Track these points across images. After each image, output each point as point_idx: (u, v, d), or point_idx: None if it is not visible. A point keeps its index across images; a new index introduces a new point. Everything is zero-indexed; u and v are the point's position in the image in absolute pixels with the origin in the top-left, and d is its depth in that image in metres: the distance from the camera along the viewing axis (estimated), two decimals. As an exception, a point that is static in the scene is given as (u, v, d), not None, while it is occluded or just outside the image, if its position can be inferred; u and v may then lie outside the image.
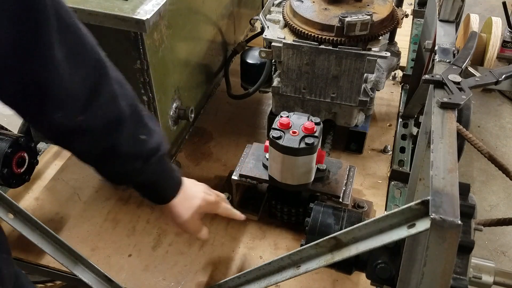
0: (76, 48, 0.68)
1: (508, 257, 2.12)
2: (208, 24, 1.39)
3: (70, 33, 0.67)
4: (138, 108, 0.78)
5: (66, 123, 0.70)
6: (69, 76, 0.66)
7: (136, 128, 0.77)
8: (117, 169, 0.80)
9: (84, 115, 0.70)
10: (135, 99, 0.78)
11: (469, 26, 1.64)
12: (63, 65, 0.65)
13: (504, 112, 2.88)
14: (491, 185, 2.43)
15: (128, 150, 0.77)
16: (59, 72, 0.65)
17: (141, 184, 0.85)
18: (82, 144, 0.74)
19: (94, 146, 0.75)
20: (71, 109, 0.69)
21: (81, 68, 0.68)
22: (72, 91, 0.68)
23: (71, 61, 0.66)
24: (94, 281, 1.02)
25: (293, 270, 0.83)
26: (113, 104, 0.73)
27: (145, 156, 0.79)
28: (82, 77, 0.68)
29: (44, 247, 0.99)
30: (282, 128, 1.07)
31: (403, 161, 1.42)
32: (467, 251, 0.65)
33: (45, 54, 0.63)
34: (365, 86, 1.31)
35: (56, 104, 0.68)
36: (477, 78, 0.89)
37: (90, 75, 0.70)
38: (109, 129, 0.74)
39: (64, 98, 0.68)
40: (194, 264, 1.16)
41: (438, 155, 0.69)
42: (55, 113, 0.68)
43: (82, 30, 0.69)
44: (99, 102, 0.71)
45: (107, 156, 0.76)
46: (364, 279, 0.94)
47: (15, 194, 1.34)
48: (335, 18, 1.20)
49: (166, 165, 0.86)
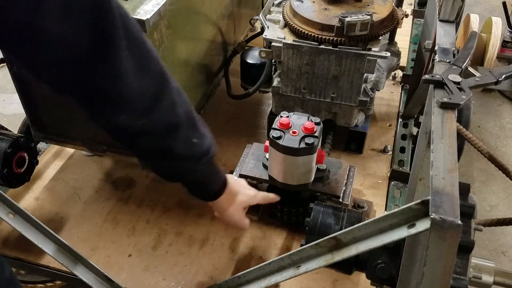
0: (142, 60, 0.75)
1: (508, 257, 2.12)
2: (208, 24, 1.39)
3: (137, 47, 0.74)
4: (193, 114, 0.87)
5: (130, 125, 0.78)
6: (135, 85, 0.74)
7: (190, 132, 0.85)
8: (171, 168, 0.88)
9: (147, 119, 0.78)
10: (190, 106, 0.86)
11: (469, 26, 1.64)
12: (130, 76, 0.73)
13: (504, 112, 2.88)
14: (491, 185, 2.43)
15: (182, 152, 0.85)
16: (126, 82, 0.73)
17: (191, 182, 0.94)
18: (142, 144, 0.82)
19: (153, 147, 0.83)
20: (135, 113, 0.77)
21: (147, 79, 0.76)
22: (137, 98, 0.76)
23: (138, 72, 0.74)
24: (94, 281, 1.02)
25: (293, 270, 0.83)
26: (172, 111, 0.81)
27: (197, 157, 0.87)
28: (147, 87, 0.76)
29: (44, 247, 0.99)
30: (282, 128, 1.07)
31: (403, 161, 1.42)
32: (467, 251, 0.65)
33: (115, 63, 0.71)
34: (365, 86, 1.31)
35: (122, 108, 0.76)
36: (477, 78, 0.89)
37: (154, 85, 0.78)
38: (168, 132, 0.82)
39: (129, 104, 0.76)
40: (194, 264, 1.16)
41: (438, 155, 0.69)
42: (120, 116, 0.77)
43: (148, 44, 0.77)
44: (160, 109, 0.79)
45: (163, 156, 0.85)
46: (364, 279, 0.94)
47: (15, 194, 1.34)
48: (335, 18, 1.20)
49: (215, 166, 0.95)
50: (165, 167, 0.89)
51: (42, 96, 1.22)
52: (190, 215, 1.28)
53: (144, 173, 1.41)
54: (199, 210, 1.29)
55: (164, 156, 0.85)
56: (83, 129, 1.25)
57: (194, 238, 1.22)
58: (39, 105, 1.24)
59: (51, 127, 1.27)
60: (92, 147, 1.28)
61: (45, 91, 1.21)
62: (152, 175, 1.40)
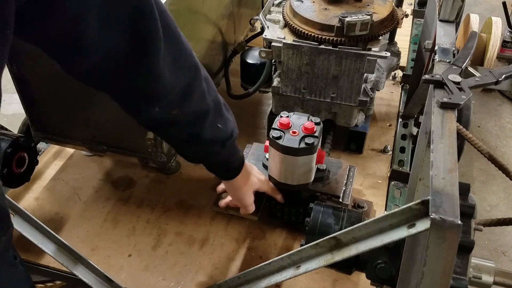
0: (178, 55, 0.79)
1: (508, 257, 2.12)
2: (208, 24, 1.39)
3: (174, 43, 0.77)
4: (219, 100, 0.92)
5: (163, 116, 0.82)
6: (169, 79, 0.78)
7: (216, 118, 0.90)
8: (196, 152, 0.95)
9: (178, 110, 0.83)
10: (216, 92, 0.91)
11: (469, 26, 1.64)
12: (166, 71, 0.76)
13: (504, 112, 2.88)
14: (491, 185, 2.43)
15: (209, 136, 0.90)
16: (162, 78, 0.76)
17: (214, 163, 0.99)
18: (171, 132, 0.88)
19: (182, 133, 0.88)
20: (168, 106, 0.81)
21: (180, 72, 0.80)
22: (171, 92, 0.80)
23: (172, 67, 0.77)
24: (94, 281, 1.02)
25: (293, 270, 0.83)
26: (202, 100, 0.86)
27: (222, 141, 0.93)
28: (180, 79, 0.80)
29: (44, 247, 0.99)
30: (282, 128, 1.07)
31: (403, 161, 1.42)
32: (467, 251, 0.65)
33: (154, 65, 0.74)
34: (365, 86, 1.31)
35: (155, 100, 0.80)
36: (477, 78, 0.89)
37: (186, 76, 0.81)
38: (197, 120, 0.87)
39: (163, 98, 0.80)
40: (194, 264, 1.16)
41: (438, 155, 0.69)
42: (154, 108, 0.80)
43: (182, 38, 0.80)
44: (192, 99, 0.84)
45: (191, 141, 0.90)
46: (364, 279, 0.94)
47: (15, 194, 1.34)
48: (335, 18, 1.20)
49: (236, 147, 1.00)
50: (190, 151, 0.95)
51: (42, 96, 1.22)
52: (190, 215, 1.28)
53: (144, 173, 1.41)
54: (199, 210, 1.30)
55: (192, 141, 0.90)
56: (83, 129, 1.26)
57: (194, 238, 1.22)
58: (39, 105, 1.24)
59: (51, 127, 1.28)
60: (92, 147, 1.28)
61: (45, 91, 1.21)
62: (152, 175, 1.40)
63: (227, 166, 1.02)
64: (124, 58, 0.71)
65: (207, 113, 0.87)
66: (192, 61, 0.83)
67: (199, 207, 1.30)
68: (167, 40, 0.74)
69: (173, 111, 0.83)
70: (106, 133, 1.24)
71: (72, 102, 1.21)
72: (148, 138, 1.18)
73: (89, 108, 1.20)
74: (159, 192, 1.35)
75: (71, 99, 1.20)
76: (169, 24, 0.75)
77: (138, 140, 1.19)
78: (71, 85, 1.16)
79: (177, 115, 0.83)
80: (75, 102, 1.20)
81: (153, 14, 0.70)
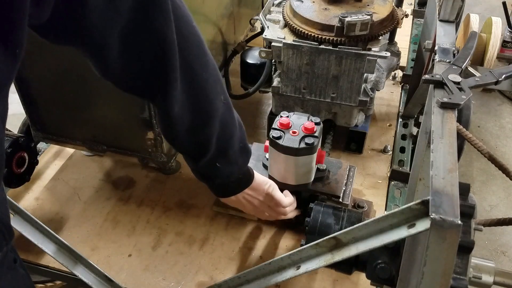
0: (194, 98, 0.83)
1: (508, 257, 2.12)
2: (208, 24, 1.39)
3: (194, 86, 0.81)
4: (229, 145, 0.94)
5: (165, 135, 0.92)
6: (177, 114, 0.82)
7: (217, 158, 0.94)
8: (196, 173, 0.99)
9: (178, 140, 0.89)
10: (232, 137, 0.94)
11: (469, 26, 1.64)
12: (175, 107, 0.80)
13: (504, 112, 2.88)
14: (491, 185, 2.43)
15: (203, 172, 0.98)
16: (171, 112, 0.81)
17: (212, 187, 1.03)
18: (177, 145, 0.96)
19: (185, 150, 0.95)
20: (171, 132, 0.87)
21: (191, 113, 0.84)
22: (177, 123, 0.84)
23: (184, 106, 0.82)
24: (94, 281, 1.02)
25: (293, 270, 0.83)
26: (207, 141, 0.89)
27: (216, 178, 0.99)
28: (187, 118, 0.84)
29: (44, 247, 0.99)
30: (282, 128, 1.07)
31: (403, 161, 1.42)
32: (467, 251, 0.65)
33: (169, 102, 0.79)
34: (365, 86, 1.31)
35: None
36: (477, 78, 0.89)
37: (196, 119, 0.86)
38: (196, 153, 0.92)
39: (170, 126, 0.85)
40: (194, 264, 1.16)
41: (438, 155, 0.69)
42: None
43: (206, 82, 0.83)
44: (195, 137, 0.88)
45: (190, 162, 0.97)
46: (364, 279, 0.94)
47: (15, 194, 1.34)
48: (335, 18, 1.20)
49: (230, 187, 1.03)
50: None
51: (42, 96, 1.22)
52: (190, 215, 1.28)
53: (144, 173, 1.41)
54: (199, 210, 1.29)
55: (189, 163, 0.97)
56: (83, 129, 1.25)
57: (194, 238, 1.22)
58: (39, 105, 1.24)
59: (51, 127, 1.27)
60: (92, 147, 1.28)
61: (45, 91, 1.21)
62: (152, 175, 1.40)
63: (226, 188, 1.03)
64: (145, 83, 0.77)
65: (207, 153, 0.90)
66: (208, 106, 0.85)
67: (199, 207, 1.30)
68: (184, 80, 0.77)
69: (175, 141, 0.90)
70: (106, 133, 1.24)
71: (72, 102, 1.21)
72: (148, 138, 1.18)
73: (89, 108, 1.20)
74: (159, 192, 1.35)
75: (71, 99, 1.20)
76: (192, 66, 0.78)
77: (138, 140, 1.19)
78: (71, 85, 1.16)
79: (178, 144, 0.91)
80: (75, 102, 1.20)
81: (172, 51, 0.73)
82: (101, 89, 1.13)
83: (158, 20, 0.69)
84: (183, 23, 0.74)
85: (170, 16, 0.70)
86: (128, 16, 0.66)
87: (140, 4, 0.66)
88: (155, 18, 0.68)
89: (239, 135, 0.94)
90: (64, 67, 1.12)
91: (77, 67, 1.10)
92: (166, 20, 0.69)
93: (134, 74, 0.75)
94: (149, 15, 0.68)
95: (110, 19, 0.64)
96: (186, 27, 0.75)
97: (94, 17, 0.62)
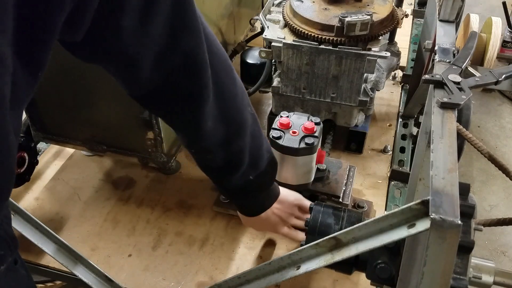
0: (225, 109, 0.84)
1: (508, 257, 2.12)
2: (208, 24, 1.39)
3: (225, 98, 0.83)
4: (259, 163, 0.96)
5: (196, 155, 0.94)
6: (209, 128, 0.83)
7: (250, 171, 0.95)
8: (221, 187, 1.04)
9: (213, 155, 0.89)
10: (262, 153, 0.96)
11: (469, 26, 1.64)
12: (208, 122, 0.81)
13: (504, 112, 2.88)
14: (491, 185, 2.43)
15: (232, 185, 0.98)
16: (205, 130, 0.83)
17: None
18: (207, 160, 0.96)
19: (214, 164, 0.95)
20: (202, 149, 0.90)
21: (222, 123, 0.85)
22: (207, 139, 0.86)
23: (217, 122, 0.84)
24: (94, 281, 1.02)
25: (293, 270, 0.83)
26: (239, 154, 0.90)
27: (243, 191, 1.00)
28: (220, 131, 0.85)
29: (44, 247, 0.99)
30: (282, 128, 1.07)
31: (403, 161, 1.42)
32: (467, 251, 0.65)
33: (200, 119, 0.80)
34: (365, 86, 1.31)
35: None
36: (477, 78, 0.89)
37: (228, 130, 0.87)
38: (228, 167, 0.93)
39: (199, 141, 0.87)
40: (194, 264, 1.16)
41: (438, 155, 0.69)
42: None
43: (235, 91, 0.86)
44: (227, 149, 0.89)
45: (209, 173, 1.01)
46: (364, 279, 0.94)
47: (15, 194, 1.34)
48: (335, 18, 1.20)
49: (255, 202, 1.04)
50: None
51: (42, 96, 1.22)
52: (190, 215, 1.28)
53: (144, 173, 1.41)
54: (199, 210, 1.29)
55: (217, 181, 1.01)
56: (83, 129, 1.25)
57: (194, 238, 1.22)
58: (39, 105, 1.24)
59: (51, 127, 1.27)
60: (92, 147, 1.28)
61: (45, 91, 1.21)
62: (152, 175, 1.40)
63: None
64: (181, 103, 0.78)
65: (241, 165, 0.91)
66: (238, 117, 0.86)
67: (199, 207, 1.30)
68: (216, 95, 0.78)
69: (208, 155, 0.90)
70: (106, 133, 1.24)
71: (72, 102, 1.21)
72: (148, 138, 1.18)
73: (89, 108, 1.20)
74: (159, 192, 1.35)
75: (71, 99, 1.20)
76: (223, 81, 0.79)
77: (138, 140, 1.19)
78: (71, 85, 1.16)
79: (211, 159, 0.91)
80: (75, 102, 1.20)
81: (206, 75, 0.74)
82: (101, 89, 1.13)
83: (190, 43, 0.70)
84: (211, 41, 0.76)
85: (202, 36, 0.71)
86: (160, 40, 0.66)
87: (172, 29, 0.66)
88: (188, 41, 0.69)
89: (266, 145, 0.95)
90: (64, 67, 1.12)
91: (77, 67, 1.10)
92: (197, 41, 0.71)
93: (165, 93, 0.76)
94: (182, 38, 0.68)
95: (142, 43, 0.64)
96: (215, 44, 0.77)
97: (127, 40, 0.62)
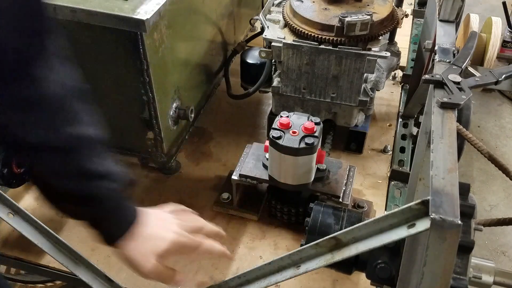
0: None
1: (508, 257, 2.13)
2: (208, 24, 1.39)
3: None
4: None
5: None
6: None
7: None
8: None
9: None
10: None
11: (469, 26, 1.64)
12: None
13: (504, 112, 2.88)
14: (491, 185, 2.43)
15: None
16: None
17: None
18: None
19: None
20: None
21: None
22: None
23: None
24: (94, 281, 1.02)
25: (293, 270, 0.83)
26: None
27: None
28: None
29: (44, 247, 0.99)
30: (282, 128, 1.07)
31: (403, 161, 1.42)
32: (467, 251, 0.65)
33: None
34: (365, 86, 1.31)
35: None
36: (477, 78, 0.89)
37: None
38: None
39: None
40: (194, 264, 1.16)
41: (438, 155, 0.69)
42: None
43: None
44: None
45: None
46: (364, 279, 0.94)
47: (15, 194, 1.34)
48: (335, 18, 1.20)
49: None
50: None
51: (42, 96, 1.22)
52: (190, 215, 1.28)
53: (144, 173, 1.41)
54: (199, 210, 1.28)
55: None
56: (83, 129, 1.25)
57: (194, 238, 1.22)
58: (39, 105, 1.23)
59: (51, 127, 1.27)
60: (92, 147, 1.28)
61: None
62: (152, 175, 1.40)
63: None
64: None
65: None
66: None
67: (199, 207, 1.29)
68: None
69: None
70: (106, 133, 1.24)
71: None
72: (148, 138, 1.18)
73: (89, 108, 1.20)
74: (159, 192, 1.35)
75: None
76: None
77: (138, 140, 1.19)
78: (71, 85, 1.16)
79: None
80: (75, 102, 1.20)
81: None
82: (101, 89, 1.13)
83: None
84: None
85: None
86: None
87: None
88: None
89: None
90: (64, 67, 1.12)
91: (77, 67, 1.10)
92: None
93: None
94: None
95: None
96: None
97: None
